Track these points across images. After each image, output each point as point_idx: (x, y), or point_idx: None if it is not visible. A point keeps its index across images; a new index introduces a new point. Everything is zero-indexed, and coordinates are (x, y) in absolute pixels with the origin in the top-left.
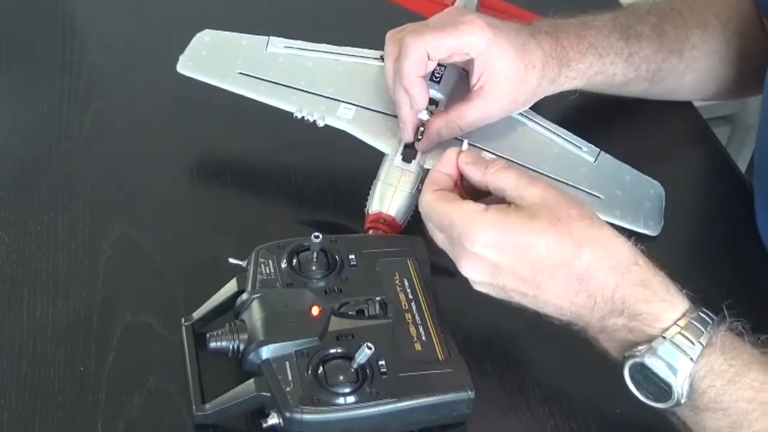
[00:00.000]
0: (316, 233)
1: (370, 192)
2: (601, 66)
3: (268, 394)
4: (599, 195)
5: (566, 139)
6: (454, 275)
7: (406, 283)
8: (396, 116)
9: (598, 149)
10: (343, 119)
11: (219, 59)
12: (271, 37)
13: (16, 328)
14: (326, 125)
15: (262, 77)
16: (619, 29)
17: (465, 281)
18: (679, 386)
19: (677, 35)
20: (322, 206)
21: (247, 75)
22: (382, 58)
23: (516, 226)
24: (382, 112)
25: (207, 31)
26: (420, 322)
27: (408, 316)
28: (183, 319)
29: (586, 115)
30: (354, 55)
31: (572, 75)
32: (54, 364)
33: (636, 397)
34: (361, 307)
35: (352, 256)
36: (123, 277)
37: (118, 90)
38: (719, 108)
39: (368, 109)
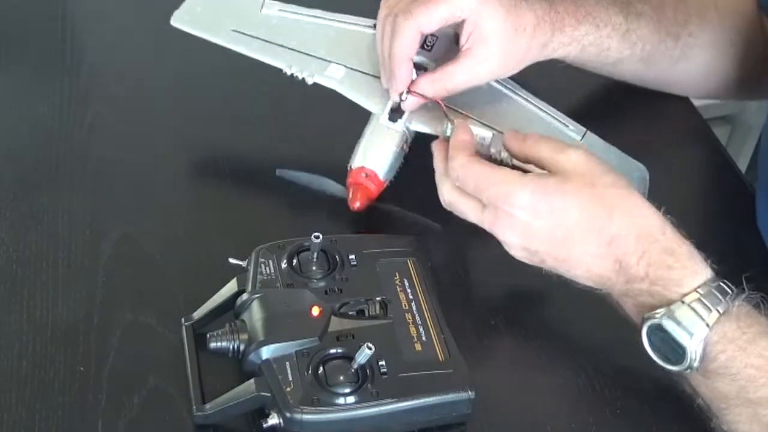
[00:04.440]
0: (316, 233)
1: (354, 149)
2: (597, 37)
3: (269, 395)
4: None
5: (553, 117)
6: (454, 275)
7: (407, 283)
8: None
9: (585, 129)
10: (333, 79)
11: (213, 15)
12: (266, 0)
13: (16, 328)
14: (315, 83)
15: (254, 35)
16: (619, 4)
17: (465, 281)
18: (693, 350)
19: (676, 19)
20: (322, 206)
21: (240, 32)
22: (374, 26)
23: (552, 189)
24: (372, 75)
25: None
26: (420, 323)
27: (408, 316)
28: (183, 319)
29: (585, 115)
30: (347, 22)
31: (566, 41)
32: (54, 364)
33: (651, 358)
34: (362, 307)
35: (352, 256)
36: (123, 277)
37: (118, 90)
38: (719, 108)
39: (358, 71)
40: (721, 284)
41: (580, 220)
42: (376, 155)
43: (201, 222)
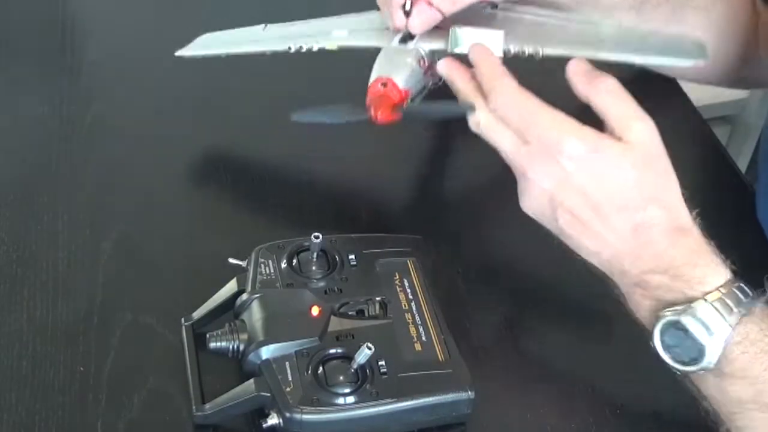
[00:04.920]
0: (316, 233)
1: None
2: None
3: (268, 395)
4: (633, 60)
5: (579, 23)
6: (454, 275)
7: (406, 283)
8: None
9: (617, 21)
10: (337, 39)
11: (217, 42)
12: (268, 24)
13: (16, 328)
14: (321, 49)
15: (257, 39)
16: None
17: (465, 281)
18: (712, 349)
19: None
20: (322, 206)
21: (243, 42)
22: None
23: (608, 152)
24: (377, 28)
25: (209, 34)
26: (420, 323)
27: (408, 316)
28: (183, 319)
29: (583, 114)
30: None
31: None
32: (54, 364)
33: (662, 359)
34: (361, 307)
35: (352, 256)
36: (123, 277)
37: (118, 90)
38: (719, 108)
39: (362, 29)
40: (742, 285)
41: (615, 195)
42: (390, 66)
43: (201, 222)
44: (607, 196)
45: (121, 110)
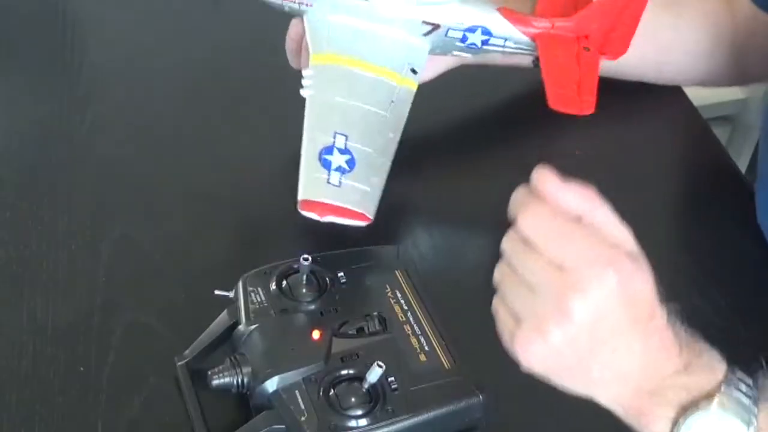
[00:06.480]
0: (305, 255)
1: None
2: None
3: (282, 426)
4: None
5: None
6: (444, 280)
7: (399, 295)
8: None
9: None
10: None
11: None
12: None
13: (16, 328)
14: None
15: None
16: None
17: (455, 285)
18: None
19: None
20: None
21: None
22: None
23: (637, 274)
24: None
25: None
26: (420, 332)
27: (407, 327)
28: (176, 358)
29: (585, 116)
30: None
31: None
32: (54, 364)
33: None
34: (361, 324)
35: (341, 274)
36: (123, 277)
37: (118, 90)
38: (719, 108)
39: None
40: (738, 368)
41: (643, 307)
42: None
43: (201, 222)
44: (638, 310)
45: (121, 110)
